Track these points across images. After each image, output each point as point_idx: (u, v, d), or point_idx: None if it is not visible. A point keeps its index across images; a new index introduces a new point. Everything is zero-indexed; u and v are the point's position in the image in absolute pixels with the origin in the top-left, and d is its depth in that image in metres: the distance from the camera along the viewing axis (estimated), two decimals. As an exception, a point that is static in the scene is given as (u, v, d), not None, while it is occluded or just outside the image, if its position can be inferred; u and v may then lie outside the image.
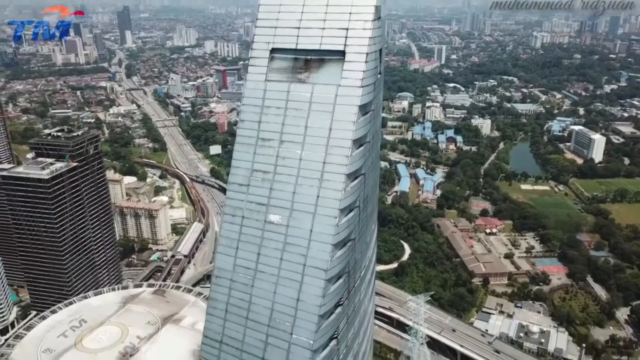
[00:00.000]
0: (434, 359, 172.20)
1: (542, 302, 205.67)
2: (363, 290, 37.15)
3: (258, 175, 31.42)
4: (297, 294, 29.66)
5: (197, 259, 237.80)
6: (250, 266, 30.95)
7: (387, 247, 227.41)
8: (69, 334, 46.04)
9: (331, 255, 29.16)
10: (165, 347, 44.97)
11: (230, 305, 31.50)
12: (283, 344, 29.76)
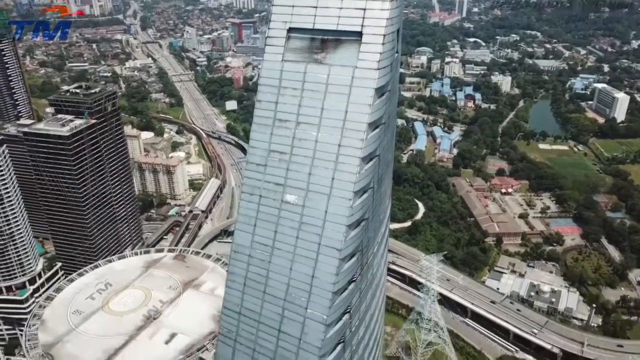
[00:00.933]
0: (444, 316, 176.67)
1: (555, 263, 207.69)
2: (375, 265, 38.48)
3: (275, 156, 32.21)
4: (312, 271, 31.01)
5: (215, 214, 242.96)
6: (268, 243, 32.26)
7: (402, 205, 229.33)
8: (96, 297, 48.70)
9: (345, 236, 30.26)
10: (186, 311, 47.39)
11: (248, 279, 33.08)
12: (298, 318, 31.41)
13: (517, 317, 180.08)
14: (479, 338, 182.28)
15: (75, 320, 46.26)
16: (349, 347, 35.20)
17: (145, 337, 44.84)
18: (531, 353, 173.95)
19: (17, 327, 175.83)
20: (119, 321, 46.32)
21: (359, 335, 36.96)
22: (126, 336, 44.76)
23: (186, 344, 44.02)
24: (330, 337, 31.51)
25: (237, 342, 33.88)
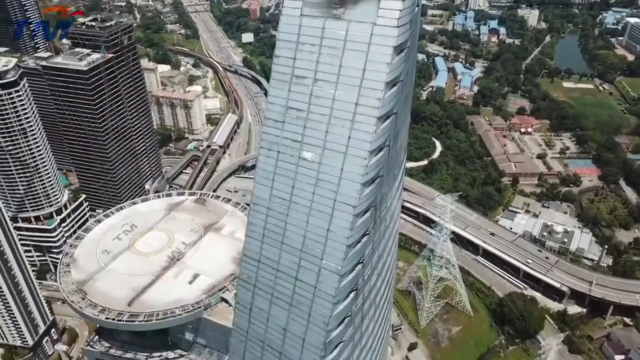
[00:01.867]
0: (456, 253, 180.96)
1: (570, 203, 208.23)
2: (389, 217, 39.82)
3: (292, 113, 32.69)
4: (327, 225, 32.43)
5: (232, 150, 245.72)
6: (285, 197, 33.53)
7: (419, 144, 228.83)
8: (122, 238, 51.37)
9: (359, 193, 31.32)
10: (208, 254, 49.90)
11: (267, 230, 34.75)
12: (314, 267, 33.27)
13: (527, 256, 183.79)
14: (489, 275, 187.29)
15: (104, 260, 49.18)
16: (361, 294, 37.36)
17: (170, 277, 47.67)
18: (540, 290, 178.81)
19: (47, 254, 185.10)
20: (145, 261, 49.09)
21: (371, 282, 39.04)
22: (152, 275, 47.62)
23: (208, 284, 46.77)
24: (344, 286, 33.47)
25: (257, 288, 36.15)
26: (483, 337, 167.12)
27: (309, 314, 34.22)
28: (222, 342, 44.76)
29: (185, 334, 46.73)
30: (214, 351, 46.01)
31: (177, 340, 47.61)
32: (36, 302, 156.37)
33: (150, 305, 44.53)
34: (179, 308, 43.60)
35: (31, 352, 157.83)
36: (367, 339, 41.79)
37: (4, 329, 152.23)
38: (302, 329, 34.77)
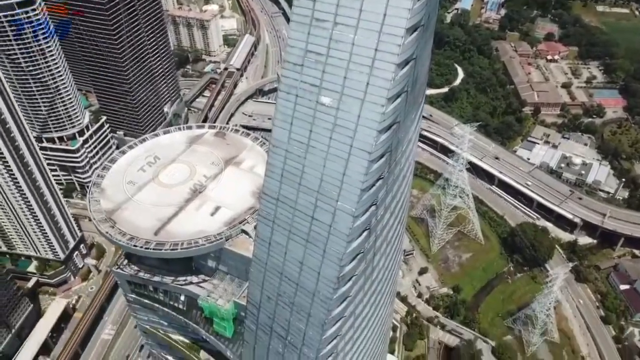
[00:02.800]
0: (471, 182, 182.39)
1: (591, 135, 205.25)
2: (404, 160, 40.74)
3: (311, 57, 32.69)
4: (343, 169, 33.55)
5: (249, 73, 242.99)
6: (303, 141, 34.44)
7: (440, 70, 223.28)
8: (146, 169, 53.21)
9: (375, 140, 32.06)
10: (228, 187, 51.66)
11: (285, 171, 36.07)
12: (330, 208, 34.88)
13: (542, 187, 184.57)
14: (502, 205, 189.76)
15: (130, 190, 51.37)
16: (374, 232, 39.27)
17: (192, 208, 49.83)
18: (552, 221, 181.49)
19: (72, 173, 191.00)
20: (169, 193, 51.11)
21: (384, 221, 40.82)
22: (176, 207, 49.82)
23: (229, 217, 48.93)
24: (357, 226, 35.21)
25: (275, 224, 38.17)
26: (492, 264, 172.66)
27: (324, 250, 36.35)
28: (242, 271, 47.73)
29: (208, 262, 49.80)
30: (234, 278, 49.15)
31: (201, 266, 50.83)
32: (64, 219, 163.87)
33: (174, 235, 47.17)
34: (202, 238, 46.13)
35: (63, 265, 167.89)
36: (378, 272, 44.39)
37: (37, 244, 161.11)
38: (317, 263, 37.08)
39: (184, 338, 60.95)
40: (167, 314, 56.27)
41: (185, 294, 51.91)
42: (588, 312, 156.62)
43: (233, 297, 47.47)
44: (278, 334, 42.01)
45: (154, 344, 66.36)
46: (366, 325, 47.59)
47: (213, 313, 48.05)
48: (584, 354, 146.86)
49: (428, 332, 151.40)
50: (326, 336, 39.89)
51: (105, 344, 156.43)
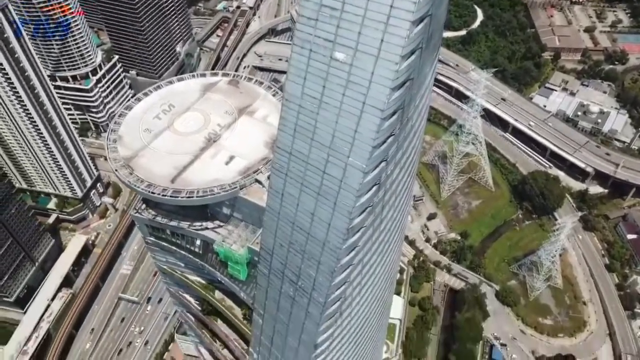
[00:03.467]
0: (485, 129, 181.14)
1: (611, 83, 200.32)
2: (416, 116, 41.03)
3: (326, 11, 32.39)
4: (355, 126, 34.05)
5: (262, 12, 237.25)
6: (316, 96, 34.75)
7: (459, 12, 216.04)
8: (162, 117, 53.85)
9: (388, 97, 32.32)
10: (242, 137, 52.34)
11: (298, 126, 36.66)
12: (341, 164, 35.73)
13: (557, 135, 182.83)
14: (515, 152, 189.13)
15: (146, 138, 52.33)
16: (384, 187, 40.29)
17: (207, 157, 50.84)
18: (564, 170, 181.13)
19: (86, 113, 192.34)
20: (184, 141, 52.00)
21: (393, 176, 41.72)
22: (191, 155, 50.89)
23: (243, 166, 49.97)
24: (367, 181, 36.16)
25: (288, 177, 39.25)
26: (501, 211, 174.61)
27: (335, 203, 37.56)
28: (256, 218, 49.45)
29: (223, 209, 51.50)
30: (249, 225, 51.01)
31: (216, 213, 52.63)
32: (81, 157, 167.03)
33: (190, 183, 48.55)
34: (217, 187, 47.46)
35: (81, 203, 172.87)
36: (386, 223, 45.84)
37: (55, 181, 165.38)
38: (328, 215, 38.43)
39: (199, 279, 64.10)
40: (183, 256, 59.01)
41: (201, 239, 54.22)
42: (593, 260, 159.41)
43: (247, 242, 49.55)
44: (289, 279, 44.22)
45: (172, 283, 70.00)
46: (373, 272, 49.73)
47: (228, 257, 50.38)
48: (585, 300, 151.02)
49: (434, 275, 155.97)
50: (335, 282, 41.96)
51: (124, 278, 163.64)
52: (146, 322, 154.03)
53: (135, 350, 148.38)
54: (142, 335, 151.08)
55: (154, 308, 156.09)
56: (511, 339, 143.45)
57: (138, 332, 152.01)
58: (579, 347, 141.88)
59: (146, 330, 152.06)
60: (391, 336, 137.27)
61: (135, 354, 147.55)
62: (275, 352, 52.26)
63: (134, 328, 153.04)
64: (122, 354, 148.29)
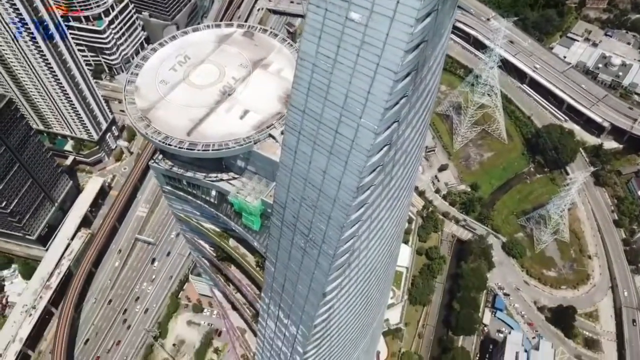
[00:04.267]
0: (502, 80, 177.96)
1: (637, 33, 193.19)
2: (430, 76, 41.15)
3: (343, -30, 32.29)
4: (368, 87, 34.48)
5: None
6: (331, 56, 35.01)
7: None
8: (177, 69, 54.12)
9: (402, 60, 32.59)
10: (256, 90, 52.64)
11: (312, 85, 37.13)
12: (353, 124, 36.44)
13: (575, 88, 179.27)
14: (531, 104, 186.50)
15: (163, 90, 52.89)
16: (395, 147, 41.15)
17: (222, 110, 51.50)
18: (580, 124, 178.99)
19: (100, 55, 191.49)
20: (199, 94, 52.45)
21: (405, 136, 42.44)
22: (207, 108, 51.56)
23: (257, 121, 50.66)
24: (379, 142, 36.94)
25: (301, 135, 40.12)
26: (513, 163, 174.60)
27: (346, 162, 38.57)
28: (269, 172, 50.76)
29: (237, 162, 52.72)
30: (262, 178, 52.48)
31: (230, 165, 53.93)
32: (95, 99, 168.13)
33: (206, 136, 49.58)
34: (231, 141, 48.46)
35: (97, 146, 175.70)
36: (395, 180, 46.96)
37: (71, 124, 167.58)
38: (339, 173, 39.57)
39: (214, 227, 66.51)
40: (199, 205, 61.02)
41: (216, 190, 55.98)
42: (602, 215, 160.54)
43: (260, 195, 51.13)
44: (301, 231, 46.05)
45: (188, 230, 72.66)
46: (382, 227, 51.42)
47: (242, 208, 52.18)
48: (590, 254, 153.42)
49: (442, 225, 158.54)
50: (344, 236, 43.71)
51: (140, 220, 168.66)
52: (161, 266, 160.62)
53: (152, 289, 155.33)
54: (159, 275, 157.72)
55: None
56: (514, 289, 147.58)
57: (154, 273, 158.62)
58: (580, 298, 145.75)
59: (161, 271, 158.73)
60: (398, 283, 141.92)
61: (151, 293, 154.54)
62: (286, 298, 55.09)
63: (154, 267, 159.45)
64: (138, 292, 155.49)
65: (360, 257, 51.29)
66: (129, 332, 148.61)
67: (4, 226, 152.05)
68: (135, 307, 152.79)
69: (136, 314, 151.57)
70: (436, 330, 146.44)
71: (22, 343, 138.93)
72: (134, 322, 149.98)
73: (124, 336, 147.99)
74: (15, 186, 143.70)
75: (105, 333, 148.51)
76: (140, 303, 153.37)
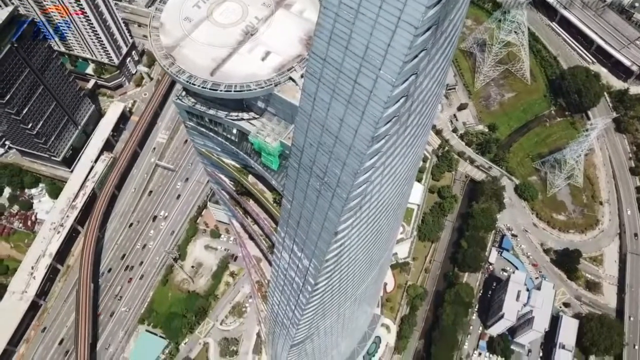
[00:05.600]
0: (531, 17, 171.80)
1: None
2: (450, 28, 41.33)
3: None
4: (388, 40, 35.10)
5: None
6: (353, 7, 35.35)
7: None
8: (201, 6, 54.06)
9: (423, 15, 33.13)
10: (278, 31, 52.69)
11: (334, 34, 37.76)
12: (372, 75, 37.43)
13: (607, 28, 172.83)
14: (559, 44, 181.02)
15: (186, 27, 53.24)
16: (411, 98, 42.22)
17: (245, 51, 51.98)
18: (607, 67, 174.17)
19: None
20: (222, 33, 52.73)
21: (423, 86, 43.27)
22: (229, 48, 52.05)
23: (278, 63, 51.21)
24: (396, 94, 38.02)
25: (321, 82, 41.22)
26: (534, 105, 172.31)
27: (363, 112, 39.90)
28: (288, 115, 52.11)
29: (258, 102, 54.06)
30: (281, 120, 53.97)
31: (251, 105, 55.19)
32: (115, 22, 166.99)
33: (228, 76, 50.53)
34: (253, 83, 49.48)
35: (117, 70, 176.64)
36: (410, 129, 48.24)
37: (92, 48, 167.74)
38: (355, 122, 41.02)
39: (235, 163, 68.94)
40: (220, 142, 62.97)
41: (237, 129, 57.78)
42: (619, 161, 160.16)
43: (279, 137, 52.81)
44: (317, 174, 48.22)
45: (208, 164, 75.27)
46: (394, 172, 53.33)
47: (261, 148, 54.12)
48: (602, 200, 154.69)
49: (457, 165, 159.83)
50: (357, 182, 45.82)
51: (160, 146, 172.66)
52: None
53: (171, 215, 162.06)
54: (179, 201, 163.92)
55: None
56: (523, 231, 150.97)
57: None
58: (587, 243, 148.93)
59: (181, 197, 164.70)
60: (408, 219, 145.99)
61: (170, 218, 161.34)
62: (301, 234, 58.33)
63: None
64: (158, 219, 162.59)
65: (372, 200, 53.72)
66: (150, 253, 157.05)
67: (30, 147, 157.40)
68: (156, 230, 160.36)
69: (157, 236, 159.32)
70: (442, 266, 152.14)
71: (52, 258, 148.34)
72: (155, 244, 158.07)
73: (146, 256, 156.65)
74: (40, 108, 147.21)
75: (128, 253, 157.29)
76: (161, 227, 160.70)
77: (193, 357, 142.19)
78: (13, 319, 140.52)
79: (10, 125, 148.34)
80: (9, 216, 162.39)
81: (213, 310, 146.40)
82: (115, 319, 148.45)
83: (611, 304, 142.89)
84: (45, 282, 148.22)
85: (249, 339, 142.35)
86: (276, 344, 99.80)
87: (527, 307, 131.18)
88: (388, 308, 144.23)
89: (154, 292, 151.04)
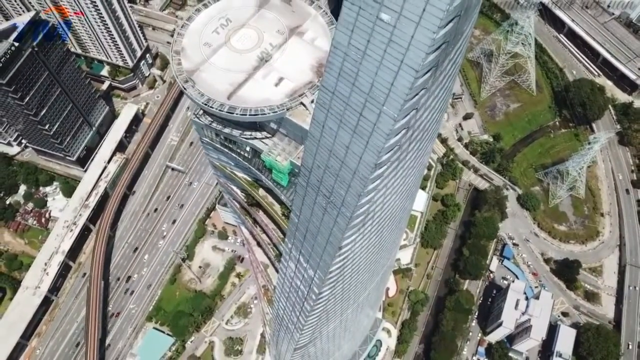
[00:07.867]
0: (538, 28, 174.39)
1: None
2: (449, 66, 44.77)
3: (377, -26, 35.68)
4: (392, 80, 38.65)
5: None
6: (361, 48, 38.96)
7: None
8: (220, 32, 57.54)
9: (423, 60, 36.70)
10: (291, 58, 56.18)
11: (342, 71, 41.32)
12: (376, 110, 41.04)
13: (613, 41, 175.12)
14: (565, 56, 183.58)
15: (206, 52, 56.77)
16: (411, 129, 45.82)
17: (259, 77, 55.44)
18: (613, 80, 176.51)
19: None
20: (239, 58, 56.20)
21: (423, 117, 46.86)
22: (245, 74, 55.57)
23: (290, 89, 54.64)
24: (397, 127, 41.70)
25: (329, 113, 44.87)
26: (539, 116, 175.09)
27: (367, 142, 43.54)
28: (299, 136, 55.62)
29: (271, 124, 57.61)
30: (292, 140, 57.58)
31: (264, 126, 58.70)
32: (130, 25, 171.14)
33: (244, 100, 54.07)
34: (267, 107, 53.10)
35: (132, 72, 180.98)
36: (411, 154, 51.98)
37: (107, 50, 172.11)
38: (360, 150, 44.67)
39: (246, 176, 72.78)
40: (234, 158, 66.71)
41: (250, 147, 61.44)
42: (621, 174, 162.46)
43: (290, 156, 56.40)
44: (323, 194, 51.87)
45: (222, 176, 79.08)
46: (396, 192, 56.91)
47: (272, 166, 57.74)
48: (603, 212, 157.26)
49: (461, 174, 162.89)
50: (361, 202, 49.46)
51: (171, 148, 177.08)
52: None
53: (181, 213, 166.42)
54: (188, 202, 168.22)
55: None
56: (524, 240, 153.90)
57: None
58: (587, 254, 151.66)
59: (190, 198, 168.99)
60: (411, 226, 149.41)
61: (181, 217, 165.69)
62: (307, 246, 62.04)
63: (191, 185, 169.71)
64: (169, 216, 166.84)
65: (375, 217, 57.39)
66: (158, 252, 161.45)
67: (46, 146, 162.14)
68: (165, 231, 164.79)
69: (166, 237, 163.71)
70: (444, 273, 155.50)
71: (65, 255, 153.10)
72: (164, 244, 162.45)
73: (155, 256, 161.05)
74: (57, 109, 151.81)
75: (138, 252, 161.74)
76: (170, 227, 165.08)
77: (199, 355, 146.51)
78: (27, 314, 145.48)
79: (27, 125, 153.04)
80: (24, 213, 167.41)
81: (219, 309, 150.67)
82: (124, 316, 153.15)
83: (609, 315, 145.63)
84: (57, 278, 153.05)
85: (253, 339, 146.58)
86: (280, 345, 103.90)
87: (525, 315, 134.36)
88: (390, 312, 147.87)
89: (162, 290, 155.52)
